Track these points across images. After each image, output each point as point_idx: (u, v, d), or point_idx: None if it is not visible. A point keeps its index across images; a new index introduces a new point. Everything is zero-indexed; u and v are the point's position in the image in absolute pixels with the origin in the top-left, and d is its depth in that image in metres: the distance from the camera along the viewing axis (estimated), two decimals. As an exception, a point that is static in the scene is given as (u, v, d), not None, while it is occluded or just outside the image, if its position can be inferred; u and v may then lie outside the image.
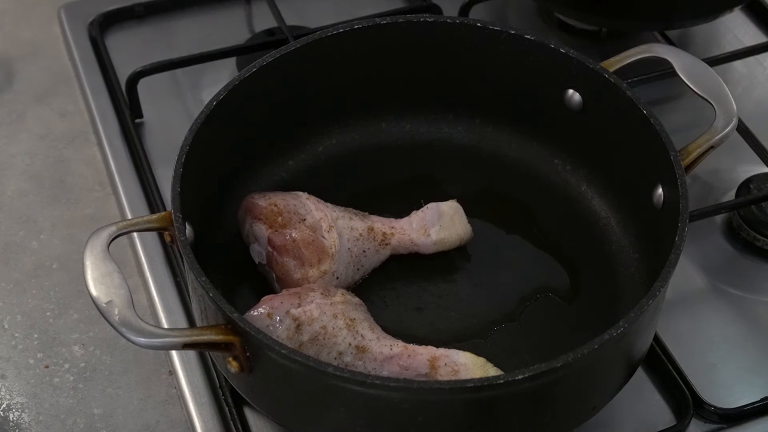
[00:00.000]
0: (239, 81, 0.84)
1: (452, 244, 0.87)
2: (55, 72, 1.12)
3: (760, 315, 0.90)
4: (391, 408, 0.68)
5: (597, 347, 0.68)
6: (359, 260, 0.85)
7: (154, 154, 1.01)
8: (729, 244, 0.95)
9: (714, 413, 0.82)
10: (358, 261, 0.85)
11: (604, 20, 1.09)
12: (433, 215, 0.87)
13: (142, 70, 1.04)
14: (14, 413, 0.84)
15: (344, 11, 1.12)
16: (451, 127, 0.95)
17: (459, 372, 0.76)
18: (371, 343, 0.77)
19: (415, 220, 0.87)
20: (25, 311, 0.91)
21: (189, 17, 1.16)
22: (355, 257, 0.85)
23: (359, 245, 0.85)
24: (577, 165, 0.92)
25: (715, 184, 1.00)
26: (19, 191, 1.01)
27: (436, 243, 0.87)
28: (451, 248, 0.87)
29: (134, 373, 0.87)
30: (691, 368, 0.85)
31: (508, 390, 0.67)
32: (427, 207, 0.88)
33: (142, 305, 0.91)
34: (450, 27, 0.90)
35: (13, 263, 0.95)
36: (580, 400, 0.74)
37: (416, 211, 0.88)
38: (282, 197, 0.85)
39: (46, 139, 1.06)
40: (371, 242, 0.85)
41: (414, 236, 0.87)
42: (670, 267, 0.72)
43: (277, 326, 0.75)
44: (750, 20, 1.16)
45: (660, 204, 0.81)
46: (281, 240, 0.82)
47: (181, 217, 0.74)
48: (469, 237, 0.88)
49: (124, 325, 0.69)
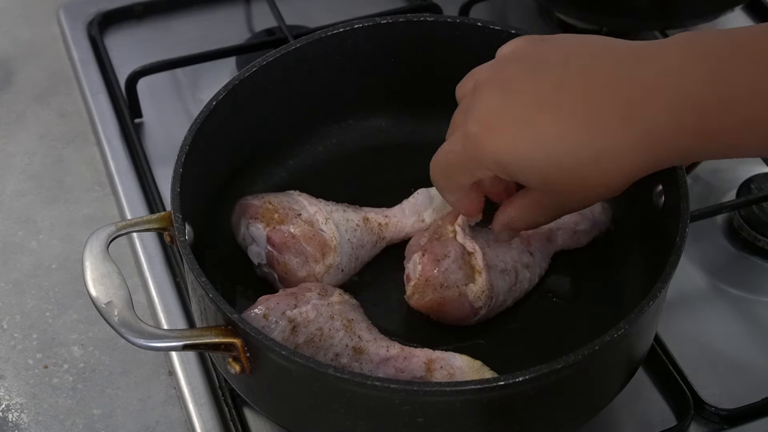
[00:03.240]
0: (239, 81, 0.84)
1: None
2: (54, 72, 1.12)
3: (761, 315, 0.90)
4: (392, 409, 0.68)
5: (597, 348, 0.68)
6: (358, 252, 0.85)
7: (154, 154, 1.01)
8: (730, 245, 0.95)
9: (714, 413, 0.82)
10: (358, 252, 0.85)
11: (605, 20, 1.09)
12: (424, 200, 0.88)
13: (142, 70, 1.04)
14: (13, 414, 0.84)
15: (344, 11, 1.12)
16: (451, 127, 0.95)
17: (455, 375, 0.76)
18: (368, 345, 0.77)
19: (407, 207, 0.88)
20: (24, 311, 0.91)
21: (189, 17, 1.16)
22: (355, 248, 0.85)
23: (357, 236, 0.85)
24: (578, 165, 0.92)
25: (715, 184, 0.99)
26: (18, 191, 1.01)
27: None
28: None
29: (134, 373, 0.87)
30: (691, 368, 0.85)
31: (508, 391, 0.67)
32: (417, 192, 0.88)
33: (141, 306, 0.91)
34: (450, 27, 0.89)
35: (12, 263, 0.95)
36: (580, 401, 0.74)
37: (406, 199, 0.88)
38: (274, 195, 0.85)
39: (45, 139, 1.05)
40: (368, 232, 0.85)
41: (408, 222, 0.87)
42: (671, 267, 0.72)
43: (272, 328, 0.75)
44: (750, 20, 1.16)
45: (660, 204, 0.81)
46: (280, 237, 0.82)
47: (180, 218, 0.74)
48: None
49: (123, 325, 0.69)
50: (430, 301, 0.80)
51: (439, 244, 0.81)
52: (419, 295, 0.80)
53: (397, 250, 0.87)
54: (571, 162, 0.67)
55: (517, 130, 0.68)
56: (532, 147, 0.68)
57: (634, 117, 0.65)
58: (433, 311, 0.81)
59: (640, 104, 0.65)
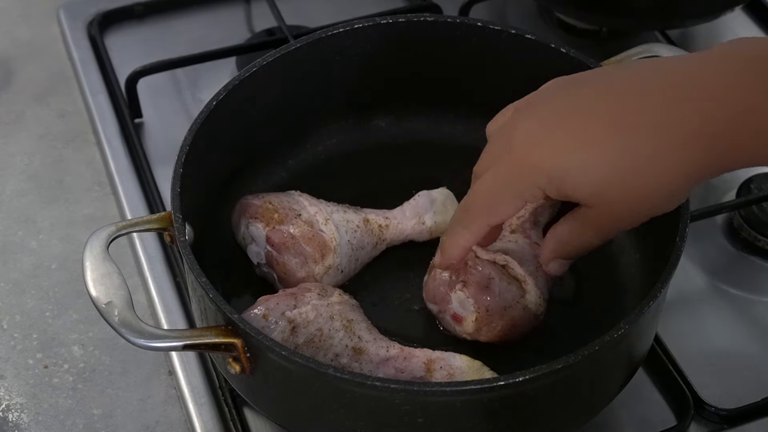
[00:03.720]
0: (239, 81, 0.84)
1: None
2: (54, 72, 1.12)
3: (761, 315, 0.90)
4: (392, 409, 0.68)
5: (597, 348, 0.68)
6: (358, 253, 0.85)
7: (154, 154, 1.01)
8: (730, 245, 0.95)
9: (714, 413, 0.82)
10: (358, 253, 0.85)
11: (605, 20, 1.09)
12: (425, 202, 0.88)
13: (142, 70, 1.04)
14: (13, 414, 0.84)
15: (344, 11, 1.12)
16: (451, 127, 0.95)
17: (454, 376, 0.76)
18: (368, 345, 0.77)
19: (408, 209, 0.88)
20: (24, 311, 0.91)
21: (189, 17, 1.16)
22: (355, 250, 0.85)
23: (357, 237, 0.85)
24: (578, 165, 0.92)
25: (715, 184, 0.99)
26: (18, 191, 1.01)
27: (432, 229, 0.87)
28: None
29: (134, 373, 0.87)
30: (691, 368, 0.84)
31: (509, 392, 0.67)
32: (419, 195, 0.88)
33: (141, 306, 0.91)
34: (450, 27, 0.89)
35: (12, 263, 0.95)
36: (580, 401, 0.74)
37: (407, 201, 0.88)
38: (275, 195, 0.85)
39: (45, 139, 1.05)
40: (368, 234, 0.85)
41: (409, 224, 0.87)
42: (671, 267, 0.72)
43: (272, 328, 0.75)
44: (750, 20, 1.16)
45: (660, 204, 0.81)
46: (280, 237, 0.82)
47: (181, 218, 0.74)
48: None
49: (123, 326, 0.69)
50: (502, 329, 0.78)
51: (474, 270, 0.78)
52: (487, 327, 0.78)
53: (397, 251, 0.87)
54: (624, 167, 0.66)
55: (566, 141, 0.67)
56: (583, 155, 0.66)
57: (673, 118, 0.64)
58: (505, 336, 0.79)
59: (675, 105, 0.65)
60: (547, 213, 0.86)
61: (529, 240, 0.83)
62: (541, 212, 0.86)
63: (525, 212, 0.85)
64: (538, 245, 0.83)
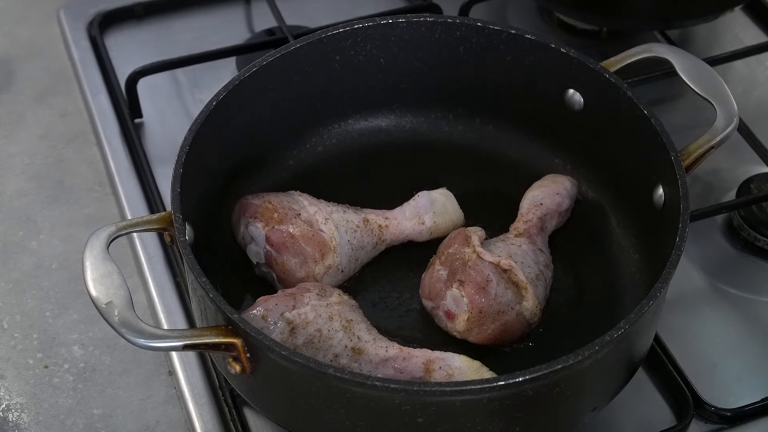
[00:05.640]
0: (239, 81, 0.84)
1: (446, 230, 0.87)
2: (54, 72, 1.12)
3: (761, 315, 0.90)
4: (392, 409, 0.68)
5: (597, 348, 0.68)
6: (358, 253, 0.85)
7: (154, 154, 1.01)
8: (729, 245, 0.95)
9: (714, 413, 0.82)
10: (357, 253, 0.85)
11: (605, 20, 1.09)
12: (425, 203, 0.88)
13: (142, 70, 1.04)
14: (13, 413, 0.84)
15: (344, 11, 1.12)
16: (451, 127, 0.95)
17: (453, 376, 0.76)
18: (367, 345, 0.77)
19: (407, 209, 0.88)
20: (24, 311, 0.91)
21: (189, 17, 1.16)
22: (355, 250, 0.85)
23: (357, 237, 0.85)
24: (577, 165, 0.92)
25: (715, 184, 0.99)
26: (19, 191, 1.01)
27: (431, 229, 0.87)
28: (445, 234, 0.87)
29: (134, 373, 0.87)
30: (691, 368, 0.85)
31: (508, 391, 0.67)
32: (419, 195, 0.88)
33: (141, 306, 0.91)
34: (450, 27, 0.89)
35: (12, 263, 0.95)
36: (580, 401, 0.74)
37: (407, 202, 0.88)
38: (275, 195, 0.85)
39: (45, 139, 1.05)
40: (368, 234, 0.85)
41: (408, 225, 0.87)
42: (671, 267, 0.72)
43: (271, 329, 0.75)
44: (750, 20, 1.16)
45: (660, 204, 0.81)
46: (279, 237, 0.82)
47: (181, 218, 0.74)
48: (462, 223, 0.88)
49: (124, 325, 0.69)
50: (492, 332, 0.78)
51: (474, 270, 0.78)
52: (478, 329, 0.78)
53: (397, 251, 0.87)
54: None
55: None
56: None
57: None
58: (494, 340, 0.79)
59: None
60: (555, 220, 0.86)
61: (534, 246, 0.83)
62: (549, 219, 0.86)
63: (533, 216, 0.85)
64: (542, 252, 0.83)
